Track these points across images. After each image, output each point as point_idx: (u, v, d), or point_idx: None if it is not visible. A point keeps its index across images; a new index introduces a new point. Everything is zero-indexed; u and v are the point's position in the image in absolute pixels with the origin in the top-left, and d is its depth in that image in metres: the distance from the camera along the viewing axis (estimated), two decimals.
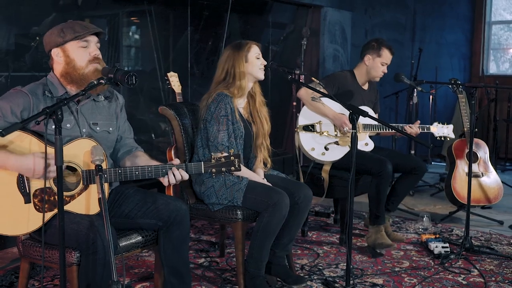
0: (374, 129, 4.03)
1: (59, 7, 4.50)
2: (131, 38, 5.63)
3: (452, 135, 4.20)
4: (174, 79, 3.95)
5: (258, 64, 3.22)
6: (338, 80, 4.09)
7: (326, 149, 3.96)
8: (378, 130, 4.05)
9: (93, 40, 2.53)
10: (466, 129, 4.61)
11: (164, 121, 5.14)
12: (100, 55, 2.54)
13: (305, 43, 5.71)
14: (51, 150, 2.20)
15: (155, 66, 5.30)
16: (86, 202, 2.47)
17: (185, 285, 2.70)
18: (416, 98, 5.84)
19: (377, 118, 3.20)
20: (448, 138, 4.21)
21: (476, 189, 4.57)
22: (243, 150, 3.24)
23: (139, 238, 2.63)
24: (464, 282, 3.38)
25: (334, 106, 3.93)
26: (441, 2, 8.16)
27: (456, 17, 8.52)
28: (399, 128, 4.00)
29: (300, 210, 3.14)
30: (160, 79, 5.23)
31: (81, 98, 2.53)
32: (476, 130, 4.32)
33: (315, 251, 3.92)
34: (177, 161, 2.59)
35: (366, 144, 4.05)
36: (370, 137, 4.10)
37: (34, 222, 2.40)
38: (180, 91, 3.93)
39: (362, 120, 3.88)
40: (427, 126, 4.15)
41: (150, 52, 5.30)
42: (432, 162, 7.43)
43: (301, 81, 4.27)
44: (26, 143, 2.39)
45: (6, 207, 2.37)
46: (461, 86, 4.27)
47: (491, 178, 4.69)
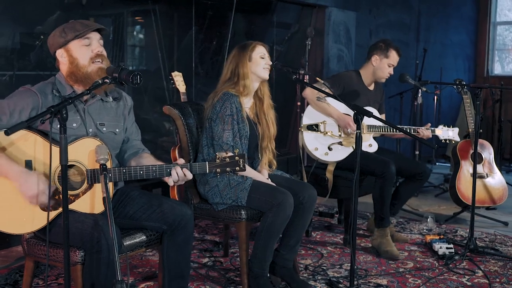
0: (379, 130, 4.02)
1: (64, 6, 4.51)
2: (136, 37, 5.64)
3: (457, 138, 4.18)
4: (178, 79, 3.95)
5: (262, 63, 3.21)
6: (344, 80, 4.08)
7: (330, 149, 3.95)
8: (382, 131, 4.04)
9: (95, 37, 2.53)
10: (470, 130, 4.60)
11: (168, 120, 5.14)
12: (103, 52, 2.53)
13: (309, 43, 5.72)
14: (56, 150, 2.21)
15: (160, 65, 5.30)
16: (90, 201, 2.47)
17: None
18: (420, 98, 5.83)
19: (381, 118, 3.18)
20: (453, 141, 4.19)
21: (480, 190, 4.56)
22: (248, 150, 3.24)
23: (143, 237, 2.63)
24: (468, 283, 3.37)
25: (339, 106, 3.91)
26: (445, 3, 8.14)
27: (460, 17, 8.50)
28: (408, 130, 3.99)
29: (305, 210, 3.13)
30: (164, 79, 5.24)
31: (88, 98, 2.54)
32: (480, 131, 4.30)
33: (319, 251, 3.91)
34: (181, 161, 2.58)
35: (370, 145, 4.04)
36: (374, 138, 4.09)
37: (39, 220, 2.41)
38: (184, 91, 3.93)
39: (367, 120, 3.87)
40: (432, 128, 4.13)
41: (154, 51, 5.30)
42: (436, 163, 7.42)
43: (305, 81, 4.27)
44: (31, 142, 2.39)
45: (11, 206, 2.38)
46: (466, 87, 4.26)
47: (496, 179, 4.68)
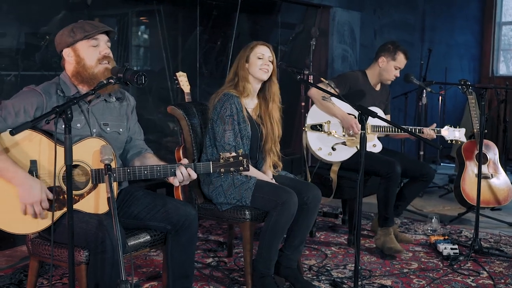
0: (383, 130, 4.02)
1: (69, 7, 4.52)
2: (140, 37, 5.65)
3: (463, 139, 4.16)
4: (183, 79, 3.95)
5: (258, 64, 3.18)
6: (350, 80, 4.07)
7: (333, 149, 3.94)
8: (387, 131, 4.04)
9: (103, 39, 2.54)
10: (475, 130, 4.59)
11: (172, 120, 5.15)
12: (110, 54, 2.55)
13: (314, 43, 5.72)
14: (61, 150, 2.21)
15: (164, 65, 5.31)
16: (95, 201, 2.48)
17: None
18: (425, 99, 5.82)
19: (386, 119, 3.18)
20: (459, 142, 4.17)
21: (485, 190, 4.55)
22: (250, 151, 3.23)
23: (148, 237, 2.63)
24: (473, 284, 3.36)
25: (344, 106, 3.91)
26: (450, 3, 8.12)
27: (465, 18, 8.48)
28: (413, 130, 3.98)
29: (309, 210, 3.13)
30: (169, 79, 5.24)
31: (92, 98, 2.54)
32: (485, 131, 4.29)
33: (323, 252, 3.91)
34: (185, 161, 2.59)
35: (374, 145, 4.03)
36: (379, 138, 4.08)
37: (44, 220, 2.41)
38: (188, 91, 3.94)
39: (371, 121, 3.87)
40: (438, 129, 4.12)
41: (159, 51, 5.31)
42: (441, 163, 7.40)
43: (310, 81, 4.27)
44: (36, 142, 2.40)
45: (16, 206, 2.38)
46: (470, 87, 4.25)
47: (501, 180, 4.67)
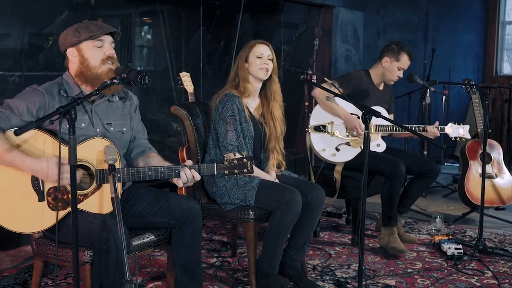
0: (387, 129, 4.01)
1: (72, 7, 4.53)
2: (144, 38, 5.65)
3: (468, 136, 4.14)
4: (186, 79, 3.96)
5: (257, 63, 3.17)
6: (354, 79, 4.07)
7: (337, 150, 3.94)
8: (390, 130, 4.03)
9: (107, 40, 2.55)
10: (479, 130, 4.57)
11: (176, 121, 5.15)
12: (114, 55, 2.55)
13: (317, 43, 5.71)
14: (65, 150, 2.22)
15: (167, 66, 5.31)
16: (99, 201, 2.48)
17: (197, 284, 2.70)
18: (429, 98, 5.81)
19: (390, 119, 3.17)
20: (463, 139, 4.16)
21: (489, 190, 4.53)
22: (253, 151, 3.23)
23: (152, 237, 2.64)
24: (477, 284, 3.36)
25: (348, 106, 3.90)
26: (454, 3, 8.11)
27: (469, 17, 8.46)
28: (416, 128, 3.97)
29: (313, 210, 3.12)
30: (172, 79, 5.25)
31: (95, 98, 2.55)
32: (489, 131, 4.28)
33: (327, 252, 3.91)
34: (189, 162, 2.59)
35: (378, 145, 4.03)
36: (382, 137, 4.08)
37: (48, 220, 2.42)
38: (192, 91, 3.94)
39: (375, 120, 3.86)
40: (442, 126, 4.11)
41: (162, 52, 5.32)
42: (445, 163, 7.38)
43: (313, 81, 4.26)
44: (40, 142, 2.40)
45: (20, 205, 2.39)
46: (474, 87, 4.23)
47: (505, 179, 4.65)
